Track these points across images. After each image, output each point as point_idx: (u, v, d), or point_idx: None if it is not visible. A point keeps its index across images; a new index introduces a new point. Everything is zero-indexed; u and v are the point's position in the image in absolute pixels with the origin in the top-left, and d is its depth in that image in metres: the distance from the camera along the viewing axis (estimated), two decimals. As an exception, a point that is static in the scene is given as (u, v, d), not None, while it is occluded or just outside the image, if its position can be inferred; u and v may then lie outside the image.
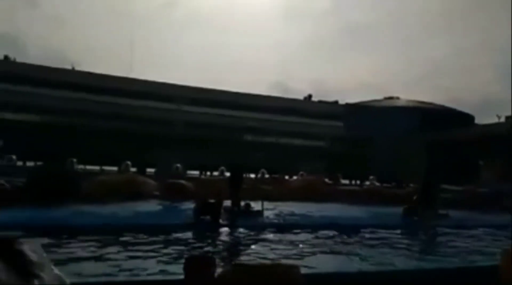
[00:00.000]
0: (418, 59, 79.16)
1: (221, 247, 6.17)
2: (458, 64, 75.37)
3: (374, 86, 76.03)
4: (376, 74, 78.83)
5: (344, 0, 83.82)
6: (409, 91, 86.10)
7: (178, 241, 6.39)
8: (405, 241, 7.73)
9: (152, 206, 10.98)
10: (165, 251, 5.62)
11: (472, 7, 77.11)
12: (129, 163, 14.85)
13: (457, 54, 76.97)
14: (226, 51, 78.32)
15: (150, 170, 18.63)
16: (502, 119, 37.47)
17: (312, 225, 8.55)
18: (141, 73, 57.49)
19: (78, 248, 5.49)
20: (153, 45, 68.54)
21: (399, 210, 11.26)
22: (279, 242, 6.70)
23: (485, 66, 74.38)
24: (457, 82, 74.31)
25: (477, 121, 43.37)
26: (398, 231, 8.69)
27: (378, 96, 51.35)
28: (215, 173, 20.58)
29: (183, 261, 3.27)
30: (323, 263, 5.13)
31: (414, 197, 12.22)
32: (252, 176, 21.83)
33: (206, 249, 6.00)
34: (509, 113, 37.69)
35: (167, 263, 4.91)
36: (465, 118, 44.13)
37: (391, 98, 51.34)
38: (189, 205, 9.39)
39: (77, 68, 39.63)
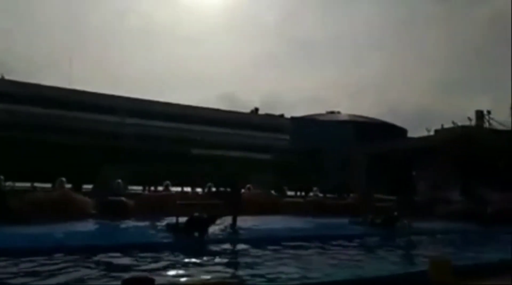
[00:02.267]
0: (360, 75, 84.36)
1: (158, 265, 5.86)
2: (395, 79, 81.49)
3: (318, 100, 79.17)
4: (320, 88, 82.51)
5: (292, 16, 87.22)
6: (351, 104, 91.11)
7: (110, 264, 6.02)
8: (344, 251, 7.96)
9: (87, 225, 10.29)
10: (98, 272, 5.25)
11: (409, 25, 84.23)
12: (63, 179, 13.80)
13: (395, 69, 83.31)
14: (174, 63, 77.43)
15: (88, 187, 17.51)
16: (432, 133, 40.85)
17: (256, 239, 8.54)
18: (81, 84, 54.50)
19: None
20: (97, 56, 65.65)
21: (341, 220, 11.77)
22: (221, 257, 6.59)
23: (419, 81, 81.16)
24: (394, 96, 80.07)
25: (410, 133, 46.83)
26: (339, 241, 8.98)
27: (322, 110, 53.69)
28: (160, 188, 19.84)
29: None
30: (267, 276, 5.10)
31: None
32: (199, 190, 21.44)
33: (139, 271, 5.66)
34: (439, 127, 41.22)
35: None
36: (398, 132, 47.54)
37: (332, 112, 53.89)
38: (130, 223, 8.92)
39: (9, 77, 36.59)
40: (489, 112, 40.87)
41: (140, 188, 23.48)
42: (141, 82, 68.99)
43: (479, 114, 40.33)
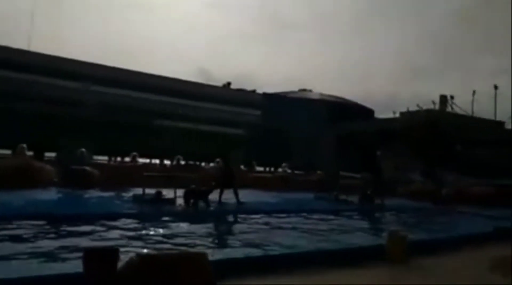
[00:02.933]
0: (336, 58, 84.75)
1: (124, 237, 5.82)
2: (370, 62, 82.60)
3: (291, 79, 79.08)
4: (294, 67, 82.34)
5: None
6: (323, 84, 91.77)
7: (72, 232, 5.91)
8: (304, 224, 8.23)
9: (48, 194, 9.97)
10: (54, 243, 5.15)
11: (388, 10, 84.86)
12: (24, 146, 13.17)
13: (370, 53, 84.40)
14: (149, 35, 74.30)
15: (50, 155, 16.87)
16: (397, 115, 42.19)
17: (224, 212, 8.64)
18: (43, 46, 51.38)
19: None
20: (66, 21, 61.60)
21: (308, 195, 12.15)
22: (188, 229, 6.64)
23: (391, 64, 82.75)
24: (365, 78, 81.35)
25: (377, 114, 48.07)
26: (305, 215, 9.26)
27: (295, 88, 53.80)
28: (127, 159, 19.44)
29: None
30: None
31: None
32: (167, 162, 21.22)
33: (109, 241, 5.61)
34: (404, 110, 42.59)
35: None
36: (367, 112, 48.65)
37: (304, 90, 54.17)
38: (94, 193, 8.74)
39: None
40: (452, 97, 42.71)
41: (106, 158, 22.91)
42: (110, 51, 65.79)
43: (443, 99, 42.01)
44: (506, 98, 41.47)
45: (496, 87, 39.23)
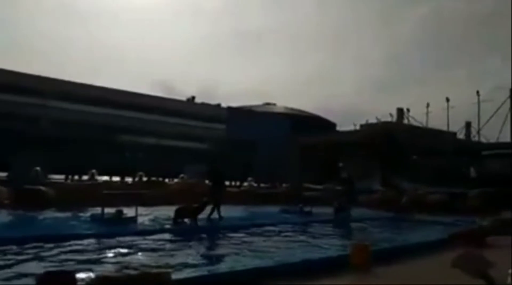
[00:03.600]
0: (300, 69, 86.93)
1: (81, 259, 5.49)
2: (332, 76, 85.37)
3: (257, 93, 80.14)
4: (258, 80, 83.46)
5: (237, 6, 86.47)
6: (286, 97, 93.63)
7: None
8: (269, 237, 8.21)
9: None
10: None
11: (345, 26, 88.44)
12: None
13: (333, 66, 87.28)
14: (108, 45, 72.52)
15: (1, 174, 15.80)
16: (357, 127, 43.75)
17: (187, 229, 8.46)
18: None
19: None
20: (18, 32, 58.85)
21: (274, 208, 12.19)
22: (149, 248, 6.40)
23: (354, 79, 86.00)
24: (328, 92, 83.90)
25: (339, 127, 49.58)
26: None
27: (259, 101, 54.42)
28: (85, 177, 18.61)
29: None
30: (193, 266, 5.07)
31: None
32: (129, 179, 20.51)
33: (67, 262, 5.28)
34: (363, 122, 44.27)
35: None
36: (329, 125, 50.06)
37: (268, 104, 54.95)
38: (49, 214, 8.24)
39: None
40: (408, 110, 45.02)
41: (62, 176, 21.83)
42: (66, 63, 63.45)
43: (400, 112, 44.17)
44: (457, 110, 44.32)
45: (448, 99, 41.91)
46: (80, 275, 3.66)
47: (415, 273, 5.16)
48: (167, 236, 7.80)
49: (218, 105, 48.52)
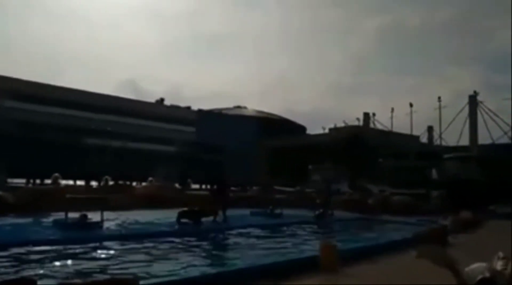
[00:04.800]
0: (266, 73, 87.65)
1: (41, 266, 5.22)
2: (299, 80, 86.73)
3: (226, 96, 80.00)
4: (227, 83, 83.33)
5: (205, 8, 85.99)
6: (255, 101, 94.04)
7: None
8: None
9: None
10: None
11: (316, 32, 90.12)
12: None
13: (299, 71, 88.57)
14: (72, 45, 69.91)
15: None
16: (326, 131, 44.69)
17: (158, 233, 8.27)
18: None
19: None
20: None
21: (244, 211, 12.22)
22: (114, 254, 6.20)
23: (320, 84, 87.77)
24: (296, 96, 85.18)
25: (308, 131, 50.43)
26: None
27: (227, 104, 54.36)
28: (48, 181, 17.82)
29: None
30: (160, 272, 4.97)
31: None
32: (94, 183, 19.81)
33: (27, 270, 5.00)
34: (332, 126, 45.28)
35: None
36: (298, 129, 50.73)
37: (239, 107, 55.00)
38: (7, 221, 7.79)
39: None
40: (374, 114, 46.51)
41: (23, 180, 20.83)
42: (28, 64, 60.61)
43: (366, 116, 45.56)
44: (420, 115, 46.21)
45: (411, 105, 43.66)
46: (42, 283, 3.49)
47: (382, 271, 5.32)
48: (133, 242, 7.57)
49: (188, 108, 48.03)
